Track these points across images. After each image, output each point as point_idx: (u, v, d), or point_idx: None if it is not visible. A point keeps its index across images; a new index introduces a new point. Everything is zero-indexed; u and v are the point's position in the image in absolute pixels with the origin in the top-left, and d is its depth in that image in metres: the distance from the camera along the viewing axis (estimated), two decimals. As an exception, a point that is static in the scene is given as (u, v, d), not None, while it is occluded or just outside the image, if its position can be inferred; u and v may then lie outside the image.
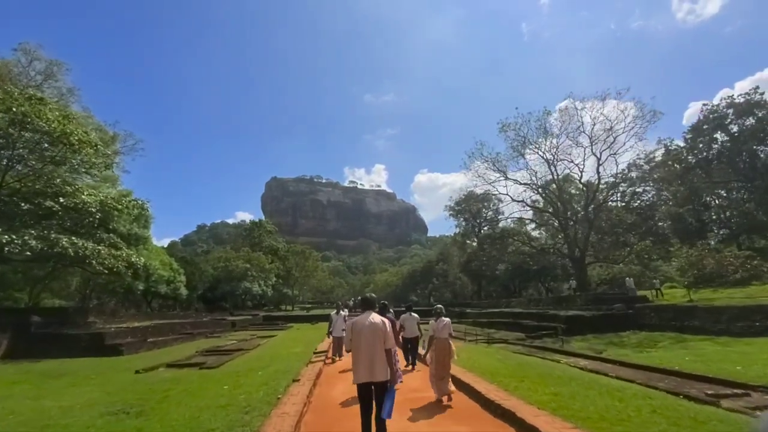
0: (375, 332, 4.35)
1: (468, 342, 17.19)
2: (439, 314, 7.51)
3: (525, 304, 29.46)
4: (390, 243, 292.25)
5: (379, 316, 4.58)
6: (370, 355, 4.30)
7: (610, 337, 17.13)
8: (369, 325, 4.40)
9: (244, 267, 55.36)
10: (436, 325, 7.33)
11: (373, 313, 4.58)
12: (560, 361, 11.10)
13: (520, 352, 13.85)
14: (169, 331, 21.75)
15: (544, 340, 17.13)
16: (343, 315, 12.67)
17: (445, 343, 7.11)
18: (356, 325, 4.47)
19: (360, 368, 4.30)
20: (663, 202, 42.50)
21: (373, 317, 4.49)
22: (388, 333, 4.40)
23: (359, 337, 4.38)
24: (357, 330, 4.42)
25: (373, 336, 4.34)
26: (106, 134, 24.26)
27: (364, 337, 4.35)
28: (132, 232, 22.73)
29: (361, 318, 4.52)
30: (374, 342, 4.33)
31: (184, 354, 15.81)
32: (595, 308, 20.79)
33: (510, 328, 22.18)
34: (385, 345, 4.35)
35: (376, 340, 4.33)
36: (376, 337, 4.34)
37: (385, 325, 4.44)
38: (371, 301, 4.82)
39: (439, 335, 7.20)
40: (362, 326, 4.42)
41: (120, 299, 44.87)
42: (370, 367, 4.27)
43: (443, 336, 7.17)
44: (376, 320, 4.45)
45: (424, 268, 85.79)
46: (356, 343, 4.39)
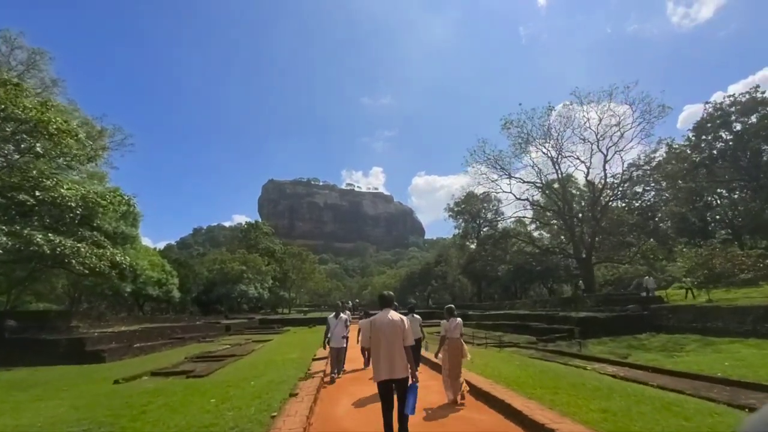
0: (395, 330, 4.38)
1: (477, 346, 16.12)
2: (451, 313, 7.34)
3: (531, 305, 28.42)
4: (387, 245, 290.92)
5: (398, 314, 4.59)
6: (390, 352, 4.31)
7: (627, 340, 16.11)
8: (389, 322, 4.42)
9: (239, 269, 54.03)
10: (448, 324, 7.21)
11: (391, 311, 4.57)
12: (586, 367, 10.04)
13: (536, 357, 12.80)
14: (159, 336, 20.54)
15: (558, 344, 16.08)
16: (344, 318, 10.02)
17: (457, 342, 7.04)
18: (375, 322, 4.50)
19: (380, 366, 4.33)
20: (664, 202, 41.72)
21: (392, 315, 4.49)
22: (407, 330, 4.42)
23: (379, 334, 4.40)
24: (377, 327, 4.45)
25: (393, 333, 4.37)
26: (93, 128, 23.06)
27: (384, 334, 4.37)
28: (119, 230, 21.48)
29: (380, 315, 4.55)
30: (394, 339, 4.34)
31: (171, 360, 14.64)
32: (608, 309, 19.79)
33: (518, 330, 21.14)
34: (405, 342, 4.36)
35: (396, 338, 4.35)
36: (395, 335, 4.36)
37: (403, 322, 4.47)
38: (389, 298, 4.77)
39: (451, 335, 7.11)
40: (382, 324, 4.44)
41: (111, 302, 43.48)
42: (390, 364, 4.29)
43: (455, 336, 7.09)
44: (395, 318, 4.47)
45: (422, 270, 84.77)
46: (376, 341, 4.41)
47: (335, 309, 10.39)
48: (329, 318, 10.00)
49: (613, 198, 32.32)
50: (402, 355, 4.34)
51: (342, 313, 10.15)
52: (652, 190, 37.82)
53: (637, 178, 33.36)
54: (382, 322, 4.47)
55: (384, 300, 4.75)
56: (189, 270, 48.41)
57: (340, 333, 9.75)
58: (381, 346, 4.37)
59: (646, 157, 33.91)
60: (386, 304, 4.69)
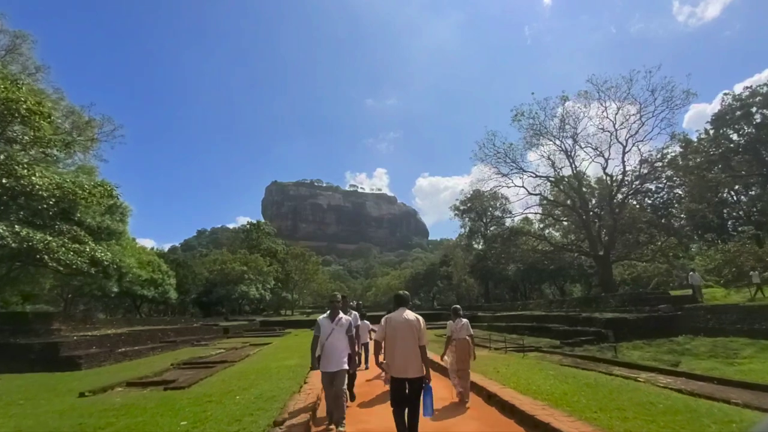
0: (411, 329, 4.37)
1: (495, 350, 14.47)
2: (458, 314, 7.26)
3: (546, 306, 26.70)
4: (391, 247, 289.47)
5: (413, 314, 4.57)
6: (405, 351, 4.30)
7: (664, 344, 14.41)
8: (404, 321, 4.41)
9: (240, 270, 52.55)
10: (454, 325, 7.12)
11: (407, 310, 4.56)
12: (637, 378, 8.39)
13: (567, 364, 11.13)
14: (148, 340, 19.03)
15: (586, 348, 14.41)
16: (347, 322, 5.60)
17: (464, 343, 6.97)
18: (391, 321, 4.48)
19: (395, 365, 4.29)
20: (677, 198, 39.82)
21: (407, 314, 4.49)
22: (422, 330, 4.42)
23: (394, 333, 4.39)
24: (392, 326, 4.44)
25: (408, 333, 4.35)
26: (80, 118, 21.62)
27: (400, 333, 4.36)
28: (103, 225, 19.99)
29: (396, 314, 4.52)
30: (409, 339, 4.33)
31: (155, 368, 13.11)
32: (635, 309, 18.08)
33: (536, 333, 19.46)
34: (420, 342, 4.35)
35: (411, 337, 4.34)
36: (411, 334, 4.35)
37: (419, 322, 4.44)
38: (405, 298, 4.74)
39: (458, 336, 7.03)
40: (398, 322, 4.42)
41: (106, 304, 42.15)
42: (404, 364, 4.26)
43: (462, 336, 7.01)
44: (411, 317, 4.47)
45: (427, 270, 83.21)
46: (391, 340, 4.40)
47: (330, 306, 5.82)
48: (319, 320, 5.56)
49: (632, 192, 30.49)
50: (417, 354, 4.30)
51: (343, 314, 5.81)
52: (665, 187, 35.93)
53: (648, 175, 31.45)
54: (398, 321, 4.43)
55: (400, 299, 4.70)
56: (188, 270, 47.02)
57: (340, 348, 5.38)
58: (396, 345, 4.34)
59: (658, 152, 32.10)
60: (402, 303, 4.65)
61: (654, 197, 40.57)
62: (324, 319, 5.54)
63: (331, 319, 5.48)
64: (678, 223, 40.44)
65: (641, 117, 27.33)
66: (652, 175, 31.30)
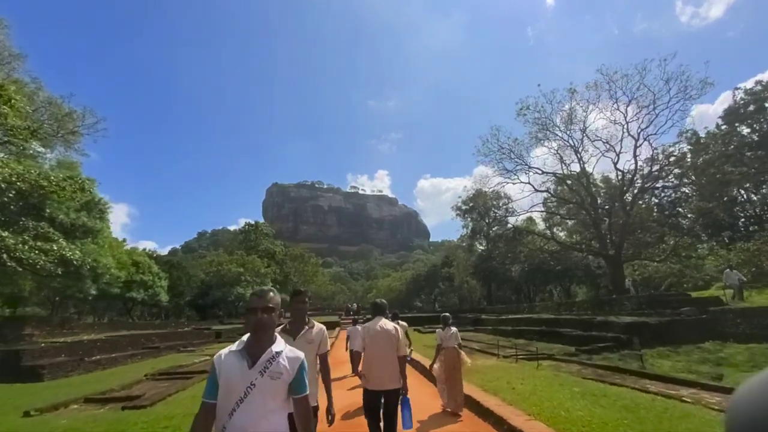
0: (389, 339, 4.18)
1: (504, 359, 13.08)
2: (447, 323, 7.10)
3: (554, 308, 25.25)
4: (392, 248, 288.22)
5: (391, 323, 4.38)
6: (383, 362, 4.11)
7: (691, 351, 12.99)
8: (382, 331, 4.22)
9: (237, 271, 51.18)
10: (444, 334, 7.01)
11: (383, 319, 4.37)
12: (683, 398, 7.00)
13: (588, 376, 9.76)
14: (128, 346, 17.68)
15: (605, 356, 13.01)
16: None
17: (454, 352, 6.89)
18: (369, 330, 4.28)
19: (372, 376, 4.12)
20: (684, 197, 38.36)
21: (384, 323, 4.31)
22: (400, 340, 4.23)
23: (372, 343, 4.19)
24: (370, 336, 4.23)
25: (386, 343, 4.16)
26: (60, 109, 20.32)
27: (378, 343, 4.16)
28: (78, 222, 18.68)
29: (373, 324, 4.33)
30: (387, 349, 4.15)
31: (126, 379, 11.77)
32: (655, 313, 16.66)
33: (546, 338, 18.03)
34: (398, 352, 4.18)
35: (390, 347, 4.15)
36: (389, 345, 4.16)
37: (397, 331, 4.27)
38: (382, 306, 4.49)
39: (446, 344, 6.94)
40: (375, 332, 4.23)
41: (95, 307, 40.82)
42: (381, 375, 4.08)
43: (451, 345, 6.92)
44: (388, 326, 4.28)
45: (428, 272, 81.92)
46: (369, 350, 4.19)
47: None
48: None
49: (639, 191, 29.04)
50: (395, 366, 4.15)
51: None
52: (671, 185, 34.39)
53: (656, 173, 29.98)
54: (376, 330, 4.24)
55: (377, 308, 4.50)
56: (181, 272, 45.70)
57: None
58: (374, 355, 4.15)
59: (664, 150, 30.64)
60: (379, 311, 4.45)
61: (661, 196, 39.17)
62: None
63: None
64: (686, 222, 39.02)
65: (655, 108, 25.92)
66: (660, 173, 29.85)
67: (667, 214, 37.31)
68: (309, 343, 3.37)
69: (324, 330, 3.64)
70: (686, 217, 40.53)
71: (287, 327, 3.46)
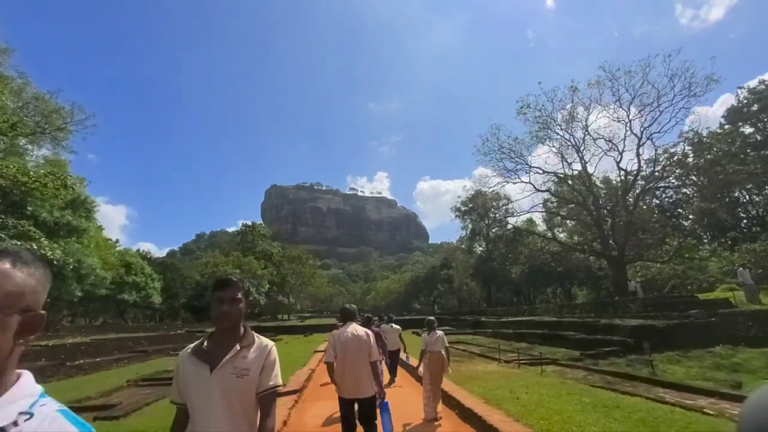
0: (360, 345, 4.02)
1: (506, 364, 12.45)
2: (432, 327, 6.95)
3: (556, 311, 24.65)
4: (391, 250, 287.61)
5: (363, 328, 4.22)
6: (356, 369, 3.98)
7: (702, 356, 12.38)
8: (352, 337, 4.06)
9: (233, 273, 50.50)
10: (429, 338, 6.85)
11: (354, 324, 4.20)
12: (705, 409, 6.38)
13: (598, 383, 9.14)
14: (115, 349, 17.02)
15: (612, 361, 12.40)
16: None
17: (439, 356, 6.64)
18: (339, 337, 4.11)
19: (344, 383, 4.00)
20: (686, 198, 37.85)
21: (355, 329, 4.14)
22: (372, 345, 4.07)
23: (343, 350, 4.05)
24: (341, 342, 4.07)
25: (357, 349, 4.01)
26: (47, 105, 19.71)
27: (348, 350, 4.03)
28: (62, 220, 18.01)
29: (342, 330, 4.17)
30: (359, 355, 4.00)
31: (106, 385, 11.12)
32: (661, 315, 16.06)
33: (548, 341, 17.42)
34: (370, 358, 4.02)
35: (361, 353, 4.00)
36: (360, 350, 4.01)
37: (369, 336, 4.10)
38: (352, 312, 4.36)
39: (432, 349, 6.75)
40: (346, 338, 4.07)
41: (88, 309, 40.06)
42: (355, 382, 3.97)
43: (436, 350, 6.70)
44: (360, 332, 4.11)
45: (427, 274, 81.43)
46: (340, 357, 4.05)
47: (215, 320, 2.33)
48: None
49: (641, 192, 28.49)
50: (368, 372, 4.00)
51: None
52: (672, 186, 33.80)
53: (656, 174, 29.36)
54: (347, 336, 4.06)
55: (347, 313, 4.32)
56: (176, 274, 44.96)
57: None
58: (346, 363, 4.00)
59: (665, 151, 30.05)
60: (349, 317, 4.27)
61: (662, 197, 38.64)
62: None
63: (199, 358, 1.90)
64: (687, 223, 38.49)
65: (659, 106, 25.39)
66: (662, 173, 29.30)
67: (668, 215, 36.83)
68: (240, 375, 1.79)
69: (270, 350, 1.94)
70: (687, 219, 40.04)
71: (204, 347, 1.86)
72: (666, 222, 32.49)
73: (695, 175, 34.45)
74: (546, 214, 38.56)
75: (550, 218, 39.64)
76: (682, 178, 33.53)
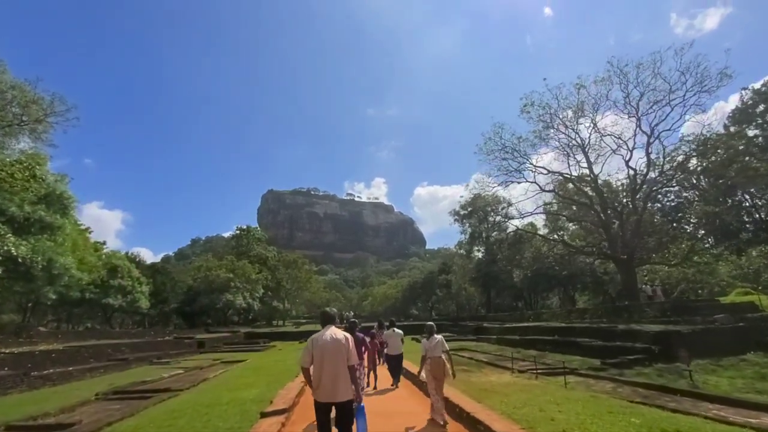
0: (338, 348, 4.03)
1: (520, 374, 11.24)
2: (431, 332, 6.86)
3: (563, 316, 23.45)
4: (388, 256, 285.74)
5: (342, 332, 4.24)
6: (334, 373, 3.95)
7: (737, 364, 11.22)
8: (331, 340, 4.05)
9: (226, 277, 48.87)
10: (428, 344, 6.77)
11: (333, 328, 4.20)
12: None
13: (635, 399, 7.95)
14: (91, 358, 15.64)
15: (639, 370, 11.20)
16: None
17: (439, 361, 6.60)
18: (317, 341, 4.09)
19: (321, 387, 3.95)
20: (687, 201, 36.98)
21: (334, 332, 4.13)
22: (350, 349, 4.08)
23: (321, 353, 4.00)
24: (319, 346, 4.04)
25: (336, 352, 4.01)
26: (26, 95, 18.42)
27: (327, 353, 3.99)
28: (34, 216, 16.62)
29: (320, 334, 4.16)
30: (338, 359, 4.00)
31: (71, 399, 9.79)
32: (683, 320, 14.92)
33: (561, 349, 16.22)
34: (348, 362, 4.03)
35: (339, 357, 4.01)
36: (339, 354, 4.01)
37: (348, 341, 4.12)
38: (332, 315, 4.36)
39: (432, 354, 6.67)
40: (325, 342, 4.05)
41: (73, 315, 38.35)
42: (332, 385, 3.93)
43: (437, 354, 6.63)
44: (339, 335, 4.12)
45: (425, 279, 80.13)
46: (318, 361, 3.99)
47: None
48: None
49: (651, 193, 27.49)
50: (346, 375, 4.01)
51: None
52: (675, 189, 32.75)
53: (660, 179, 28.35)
54: (325, 340, 4.05)
55: (326, 317, 4.31)
56: (166, 278, 43.39)
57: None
58: (324, 366, 3.96)
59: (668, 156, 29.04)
60: (329, 321, 4.25)
61: (664, 201, 37.70)
62: None
63: None
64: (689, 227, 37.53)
65: (670, 102, 24.44)
66: (664, 178, 28.31)
67: (670, 219, 35.85)
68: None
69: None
70: (689, 222, 39.08)
71: None
72: (668, 226, 31.49)
73: (697, 179, 33.50)
74: (548, 217, 37.53)
75: (553, 221, 38.55)
76: (684, 183, 32.59)
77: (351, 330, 6.92)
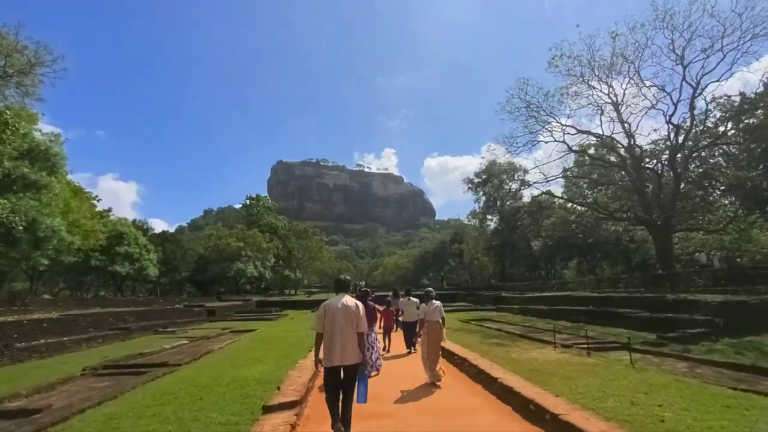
0: (348, 315, 4.22)
1: (565, 348, 9.72)
2: (431, 297, 7.39)
3: (593, 285, 21.85)
4: (398, 227, 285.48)
5: (353, 299, 4.43)
6: (342, 338, 4.14)
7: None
8: (342, 307, 4.25)
9: (236, 246, 48.12)
10: (427, 308, 7.28)
11: (346, 296, 4.41)
12: None
13: (728, 384, 6.35)
14: (90, 327, 14.60)
15: (708, 346, 9.60)
16: None
17: (436, 325, 7.08)
18: (329, 307, 4.29)
19: (332, 351, 4.12)
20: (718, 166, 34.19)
21: (346, 299, 4.34)
22: (360, 316, 4.28)
23: (332, 319, 4.19)
24: (330, 312, 4.24)
25: (345, 319, 4.20)
26: (7, 42, 16.62)
27: (337, 319, 4.18)
28: (17, 172, 15.19)
29: (334, 300, 4.35)
30: (347, 325, 4.18)
31: (52, 375, 8.61)
32: (742, 290, 13.19)
33: (599, 320, 14.67)
34: (358, 329, 4.24)
35: (349, 323, 4.20)
36: (348, 320, 4.20)
37: (358, 308, 4.31)
38: (345, 283, 4.63)
39: (430, 318, 7.15)
40: (335, 309, 4.25)
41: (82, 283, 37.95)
42: (341, 350, 4.11)
43: (434, 319, 7.11)
44: (350, 303, 4.32)
45: (436, 249, 79.01)
46: (329, 327, 4.18)
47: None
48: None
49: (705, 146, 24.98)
50: (354, 341, 4.18)
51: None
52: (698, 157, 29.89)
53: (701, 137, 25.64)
54: (336, 306, 4.25)
55: (340, 284, 4.59)
56: (175, 246, 42.66)
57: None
58: (335, 331, 4.13)
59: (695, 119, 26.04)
60: (342, 288, 4.52)
61: (695, 164, 34.96)
62: None
63: None
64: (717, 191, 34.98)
65: (723, 48, 21.53)
66: (706, 136, 25.63)
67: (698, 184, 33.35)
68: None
69: None
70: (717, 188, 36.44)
71: None
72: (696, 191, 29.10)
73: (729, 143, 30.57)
74: (567, 183, 35.24)
75: (573, 187, 36.14)
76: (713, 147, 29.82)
77: (363, 299, 7.03)
